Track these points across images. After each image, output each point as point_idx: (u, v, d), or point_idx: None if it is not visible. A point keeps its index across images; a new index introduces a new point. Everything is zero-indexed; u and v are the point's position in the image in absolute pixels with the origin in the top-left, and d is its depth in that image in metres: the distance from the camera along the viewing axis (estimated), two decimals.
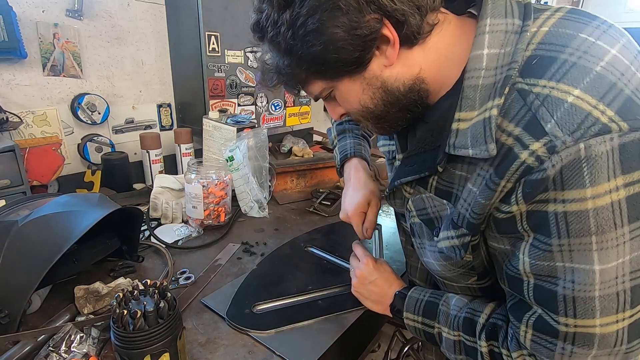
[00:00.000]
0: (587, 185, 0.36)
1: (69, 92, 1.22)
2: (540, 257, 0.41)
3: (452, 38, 0.48)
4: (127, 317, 0.51)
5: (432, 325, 0.59)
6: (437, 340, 0.59)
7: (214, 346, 0.65)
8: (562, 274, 0.41)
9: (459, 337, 0.55)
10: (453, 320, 0.56)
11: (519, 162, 0.39)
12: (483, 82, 0.43)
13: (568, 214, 0.38)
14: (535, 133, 0.38)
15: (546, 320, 0.43)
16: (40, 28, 1.11)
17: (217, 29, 1.33)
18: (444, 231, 0.52)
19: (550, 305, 0.42)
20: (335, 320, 0.72)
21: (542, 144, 0.38)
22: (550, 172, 0.37)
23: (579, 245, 0.39)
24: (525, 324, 0.45)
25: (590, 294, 0.39)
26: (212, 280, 0.83)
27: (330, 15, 0.43)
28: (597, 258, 0.38)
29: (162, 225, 1.08)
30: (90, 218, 0.70)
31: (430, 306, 0.60)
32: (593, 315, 0.40)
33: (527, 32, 0.42)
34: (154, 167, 1.36)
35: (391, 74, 0.48)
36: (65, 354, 0.58)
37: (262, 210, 1.19)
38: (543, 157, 0.38)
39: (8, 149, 0.94)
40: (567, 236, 0.39)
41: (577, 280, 0.40)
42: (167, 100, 1.50)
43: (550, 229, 0.40)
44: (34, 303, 0.71)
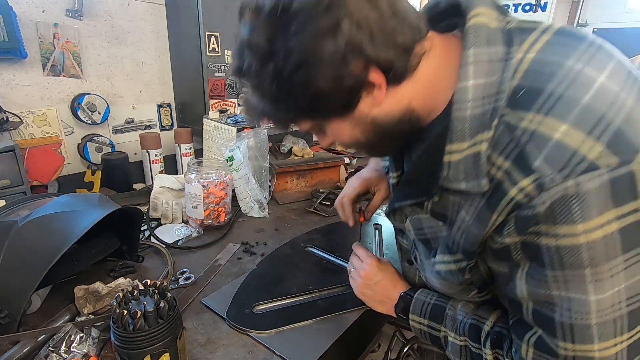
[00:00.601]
0: (577, 221, 0.37)
1: (69, 92, 1.22)
2: (537, 285, 0.42)
3: (440, 62, 0.47)
4: (127, 317, 0.51)
5: (439, 329, 0.59)
6: (442, 344, 0.59)
7: (214, 346, 0.65)
8: (558, 302, 0.41)
9: (465, 343, 0.55)
10: (459, 326, 0.56)
11: (509, 197, 0.40)
12: (471, 112, 0.42)
13: (560, 247, 0.38)
14: (524, 169, 0.38)
15: (546, 342, 0.43)
16: (40, 28, 1.11)
17: (217, 29, 1.33)
18: (440, 255, 0.52)
19: (549, 329, 0.43)
20: (335, 320, 0.72)
21: (531, 181, 0.38)
22: (540, 209, 0.38)
23: (573, 277, 0.39)
24: (526, 343, 0.46)
25: (587, 322, 0.40)
26: (212, 280, 0.83)
27: (314, 69, 0.41)
28: (592, 289, 0.39)
29: (162, 225, 1.08)
30: (90, 218, 0.70)
31: (437, 310, 0.60)
32: (591, 341, 0.40)
33: (512, 59, 0.42)
34: (154, 167, 1.36)
35: (380, 111, 0.48)
36: (65, 354, 0.58)
37: (262, 210, 1.19)
38: (532, 194, 0.38)
39: (8, 149, 0.94)
40: (561, 268, 0.39)
41: (574, 309, 0.40)
42: (167, 100, 1.50)
43: (544, 261, 0.40)
44: (34, 303, 0.71)
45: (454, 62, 0.45)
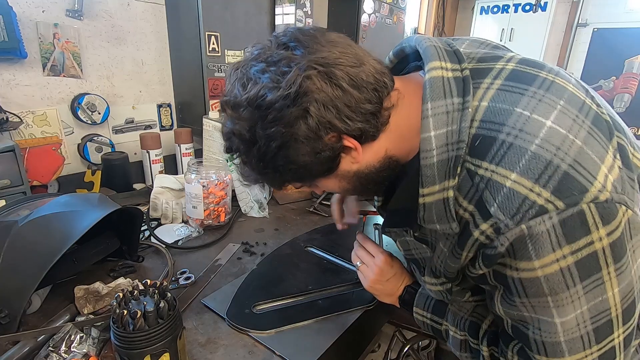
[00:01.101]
0: (533, 258, 0.41)
1: (69, 92, 1.22)
2: (510, 307, 0.47)
3: (410, 109, 0.50)
4: (127, 317, 0.51)
5: (441, 323, 0.63)
6: (443, 336, 0.63)
7: (214, 346, 0.65)
8: (530, 321, 0.46)
9: (465, 338, 0.59)
10: (460, 322, 0.60)
11: (474, 238, 0.44)
12: (437, 159, 0.45)
13: (522, 279, 0.43)
14: (483, 214, 0.42)
15: (527, 353, 0.48)
16: (40, 28, 1.11)
17: (217, 29, 1.33)
18: (427, 276, 0.58)
19: (526, 343, 0.47)
20: (335, 320, 0.72)
21: (489, 225, 0.42)
22: (501, 249, 0.42)
23: (537, 303, 0.43)
24: (511, 350, 0.50)
25: (556, 339, 0.44)
26: (212, 280, 0.83)
27: (293, 148, 0.47)
28: (556, 313, 0.43)
29: (162, 225, 1.08)
30: (90, 218, 0.70)
31: (439, 305, 0.63)
32: (562, 354, 0.44)
33: (468, 108, 0.44)
34: (154, 167, 1.36)
35: (361, 165, 0.52)
36: (65, 354, 0.58)
37: (262, 210, 1.19)
38: (491, 237, 0.42)
39: (8, 149, 0.94)
40: (526, 296, 0.44)
41: (543, 328, 0.44)
42: (167, 100, 1.50)
43: (511, 289, 0.45)
44: (34, 303, 0.71)
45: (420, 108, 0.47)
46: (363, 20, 2.09)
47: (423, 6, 3.78)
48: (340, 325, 0.71)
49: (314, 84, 0.44)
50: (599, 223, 0.39)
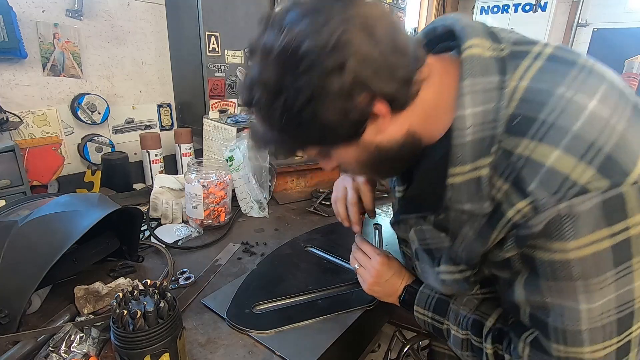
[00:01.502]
0: (569, 239, 0.40)
1: (69, 92, 1.22)
2: (533, 292, 0.45)
3: (439, 87, 0.49)
4: (127, 317, 0.51)
5: (442, 322, 0.62)
6: (444, 335, 0.63)
7: (214, 346, 0.65)
8: (552, 308, 0.44)
9: (467, 337, 0.58)
10: (462, 320, 0.59)
11: (507, 218, 0.43)
12: (470, 138, 0.44)
13: (554, 262, 0.42)
14: (520, 192, 0.41)
15: (541, 342, 0.47)
16: (40, 28, 1.11)
17: (217, 29, 1.33)
18: (444, 264, 0.55)
19: (543, 332, 0.46)
20: (335, 320, 0.72)
21: (527, 203, 0.41)
22: (536, 229, 0.41)
23: (565, 288, 0.42)
24: (523, 341, 0.49)
25: (578, 328, 0.43)
26: (212, 280, 0.83)
27: (322, 104, 0.43)
28: (583, 299, 0.42)
29: (162, 225, 1.08)
30: (90, 218, 0.70)
31: (441, 303, 0.63)
32: (582, 344, 0.43)
33: (507, 88, 0.43)
34: (154, 167, 1.36)
35: (384, 137, 0.50)
36: (65, 354, 0.58)
37: (262, 210, 1.19)
38: (528, 215, 0.41)
39: (8, 149, 0.94)
40: (554, 279, 0.43)
41: (566, 315, 0.43)
42: (167, 100, 1.50)
43: (538, 272, 0.44)
44: (34, 303, 0.71)
45: (452, 86, 0.47)
46: None
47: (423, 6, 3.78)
48: (340, 325, 0.71)
49: (356, 37, 0.41)
50: (637, 208, 0.38)
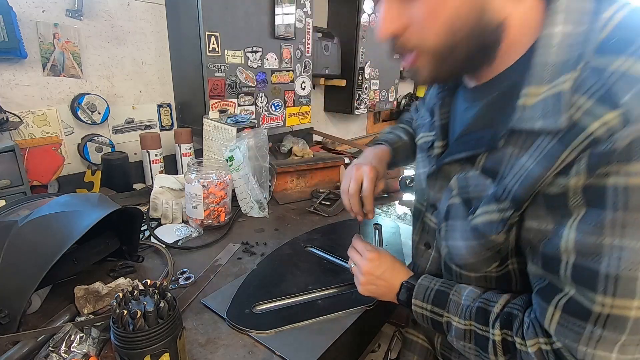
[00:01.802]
0: None
1: (69, 92, 1.22)
2: (590, 233, 0.40)
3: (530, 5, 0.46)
4: (127, 317, 0.51)
5: (441, 314, 0.59)
6: (444, 329, 0.59)
7: (214, 346, 0.65)
8: (608, 251, 0.39)
9: (470, 327, 0.55)
10: (465, 310, 0.56)
11: (587, 133, 0.38)
12: (555, 58, 0.42)
13: (630, 187, 0.37)
14: (610, 104, 0.37)
15: (579, 302, 0.42)
16: (40, 28, 1.11)
17: (217, 29, 1.33)
18: (482, 207, 0.51)
19: (589, 283, 0.41)
20: (335, 320, 0.72)
21: (617, 114, 0.37)
22: (620, 144, 0.37)
23: (633, 221, 0.37)
24: (554, 305, 0.45)
25: (636, 274, 0.38)
26: (212, 280, 0.83)
27: None
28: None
29: (162, 225, 1.08)
30: (90, 218, 0.70)
31: (440, 295, 0.60)
32: (633, 295, 0.39)
33: (602, 14, 0.41)
34: (154, 167, 1.36)
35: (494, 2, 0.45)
36: (65, 354, 0.58)
37: (262, 210, 1.19)
38: (615, 128, 0.37)
39: (8, 149, 0.94)
40: (624, 209, 0.38)
41: (625, 258, 0.38)
42: (167, 100, 1.50)
43: (606, 202, 0.38)
44: (34, 303, 0.71)
45: (541, 8, 0.45)
46: (363, 20, 2.09)
47: None
48: (340, 325, 0.71)
49: None
50: None
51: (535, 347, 0.47)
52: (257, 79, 1.54)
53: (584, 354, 0.42)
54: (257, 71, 1.53)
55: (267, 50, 1.54)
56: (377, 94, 2.43)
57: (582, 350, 0.42)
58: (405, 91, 3.16)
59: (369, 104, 2.36)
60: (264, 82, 1.57)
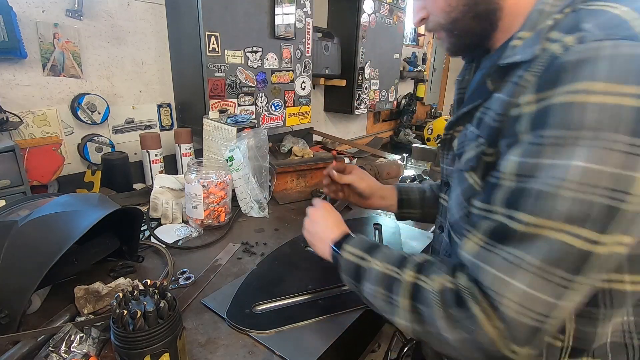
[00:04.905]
0: (600, 78, 0.37)
1: (69, 92, 1.22)
2: (529, 154, 0.42)
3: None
4: (127, 317, 0.51)
5: (366, 259, 0.59)
6: (363, 274, 0.58)
7: (214, 346, 0.65)
8: (542, 171, 0.40)
9: (388, 270, 0.55)
10: (388, 256, 0.57)
11: (548, 53, 0.42)
12: (550, 9, 0.46)
13: (574, 104, 0.38)
14: (573, 31, 0.41)
15: (504, 224, 0.43)
16: (40, 28, 1.11)
17: (217, 29, 1.33)
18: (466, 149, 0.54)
19: (517, 203, 0.42)
20: (335, 320, 0.72)
21: (575, 37, 0.40)
22: (570, 58, 0.39)
23: (570, 139, 0.38)
24: (481, 230, 0.46)
25: (563, 192, 0.39)
26: (212, 280, 0.83)
27: None
28: (582, 154, 0.38)
29: (162, 225, 1.08)
30: (90, 218, 0.70)
31: (373, 245, 0.61)
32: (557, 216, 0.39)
33: None
34: (154, 167, 1.36)
35: None
36: (65, 354, 0.58)
37: (262, 210, 1.19)
38: (569, 46, 0.40)
39: (8, 149, 0.94)
40: (564, 127, 0.39)
41: (555, 176, 0.39)
42: (167, 100, 1.50)
43: (549, 121, 0.40)
44: (34, 303, 0.71)
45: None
46: (363, 20, 2.09)
47: None
48: (340, 325, 0.71)
49: None
50: None
51: (439, 285, 0.48)
52: (257, 79, 1.54)
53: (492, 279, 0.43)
54: (257, 71, 1.53)
55: (267, 50, 1.54)
56: (377, 94, 2.43)
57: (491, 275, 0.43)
58: (405, 91, 3.16)
59: (368, 104, 2.36)
60: (264, 82, 1.57)
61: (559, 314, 0.41)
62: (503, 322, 0.42)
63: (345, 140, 2.31)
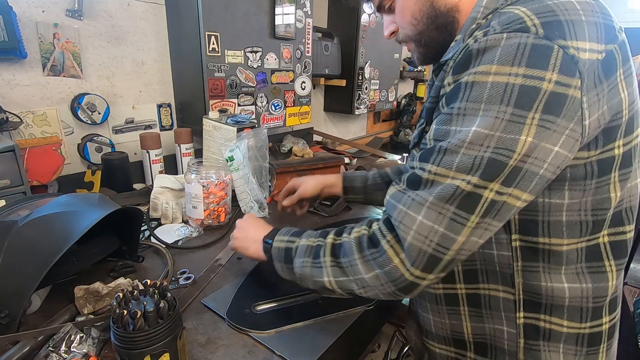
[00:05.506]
0: (494, 62, 0.46)
1: (69, 92, 1.22)
2: (443, 122, 0.52)
3: None
4: (127, 317, 0.51)
5: (294, 241, 0.65)
6: (293, 254, 0.64)
7: (214, 346, 0.65)
8: (449, 135, 0.50)
9: (313, 242, 0.62)
10: (315, 234, 0.65)
11: (464, 45, 0.51)
12: (479, 15, 0.54)
13: (474, 83, 0.48)
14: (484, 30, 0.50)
15: (415, 174, 0.52)
16: (40, 28, 1.11)
17: (217, 29, 1.33)
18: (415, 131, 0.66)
19: (426, 157, 0.52)
20: (335, 320, 0.72)
21: (482, 32, 0.49)
22: (476, 47, 0.48)
23: (470, 110, 0.48)
24: (401, 180, 0.55)
25: (457, 149, 0.48)
26: (212, 280, 0.83)
27: None
28: (478, 122, 0.47)
29: (162, 225, 1.08)
30: (90, 218, 0.70)
31: (301, 231, 0.68)
32: (450, 166, 0.49)
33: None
34: (154, 167, 1.36)
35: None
36: (65, 354, 0.58)
37: (262, 210, 1.19)
38: (477, 38, 0.49)
39: (8, 149, 0.94)
40: (467, 100, 0.49)
41: (457, 137, 0.49)
42: (167, 100, 1.50)
43: (458, 96, 0.50)
44: (34, 303, 0.71)
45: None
46: (363, 20, 2.09)
47: None
48: (340, 325, 0.71)
49: None
50: (557, 67, 0.44)
51: (355, 234, 0.57)
52: (257, 79, 1.54)
53: (399, 213, 0.52)
54: (257, 71, 1.53)
55: (267, 50, 1.54)
56: (377, 94, 2.43)
57: (399, 210, 0.52)
58: (405, 91, 3.16)
59: (369, 104, 2.36)
60: (264, 82, 1.57)
61: (461, 248, 0.49)
62: (404, 250, 0.51)
63: (345, 140, 2.31)
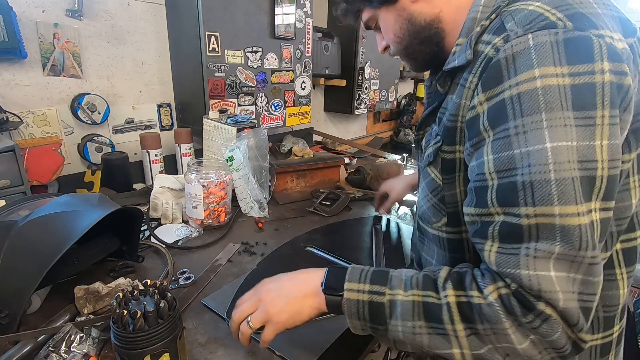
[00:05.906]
0: (535, 66, 0.42)
1: (69, 92, 1.22)
2: (501, 148, 0.44)
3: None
4: (127, 317, 0.51)
5: (383, 292, 0.50)
6: (387, 312, 0.50)
7: (214, 346, 0.65)
8: (519, 162, 0.43)
9: (419, 297, 0.48)
10: (410, 281, 0.50)
11: (483, 56, 0.47)
12: (480, 15, 0.52)
13: (521, 94, 0.43)
14: (499, 33, 0.47)
15: (509, 223, 0.43)
16: (40, 28, 1.11)
17: (217, 29, 1.33)
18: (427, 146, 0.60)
19: (511, 199, 0.43)
20: (336, 320, 0.72)
21: (501, 38, 0.46)
22: (503, 55, 0.44)
23: (531, 125, 0.42)
24: (491, 237, 0.45)
25: (546, 176, 0.41)
26: (212, 280, 0.83)
27: None
28: (548, 135, 0.41)
29: (162, 225, 1.08)
30: (90, 218, 0.70)
31: (379, 273, 0.53)
32: (551, 201, 0.41)
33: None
34: (154, 167, 1.36)
35: (416, 9, 0.59)
36: (65, 354, 0.58)
37: (262, 210, 1.19)
38: (499, 47, 0.45)
39: (8, 149, 0.94)
40: (522, 115, 0.42)
41: (533, 163, 0.42)
42: (167, 100, 1.50)
43: (507, 114, 0.44)
44: (34, 303, 0.71)
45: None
46: None
47: None
48: (340, 325, 0.71)
49: None
50: (605, 55, 0.40)
51: (495, 294, 0.43)
52: (257, 79, 1.54)
53: (529, 279, 0.41)
54: (257, 71, 1.53)
55: (267, 50, 1.54)
56: (377, 94, 2.43)
57: (525, 276, 0.42)
58: (405, 91, 3.16)
59: (369, 104, 2.36)
60: (264, 82, 1.57)
61: (599, 289, 0.42)
62: (560, 313, 0.41)
63: (345, 140, 2.31)
